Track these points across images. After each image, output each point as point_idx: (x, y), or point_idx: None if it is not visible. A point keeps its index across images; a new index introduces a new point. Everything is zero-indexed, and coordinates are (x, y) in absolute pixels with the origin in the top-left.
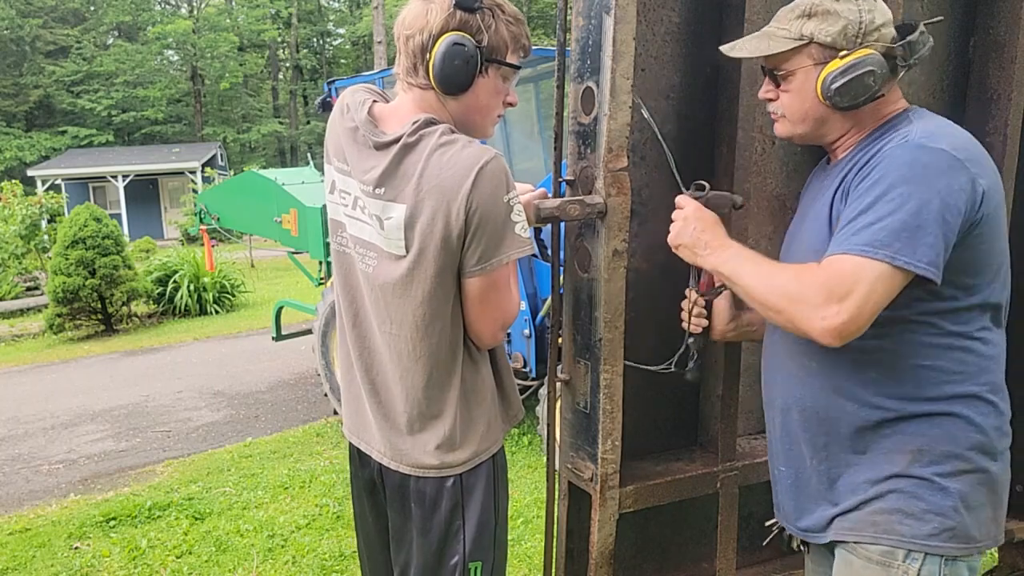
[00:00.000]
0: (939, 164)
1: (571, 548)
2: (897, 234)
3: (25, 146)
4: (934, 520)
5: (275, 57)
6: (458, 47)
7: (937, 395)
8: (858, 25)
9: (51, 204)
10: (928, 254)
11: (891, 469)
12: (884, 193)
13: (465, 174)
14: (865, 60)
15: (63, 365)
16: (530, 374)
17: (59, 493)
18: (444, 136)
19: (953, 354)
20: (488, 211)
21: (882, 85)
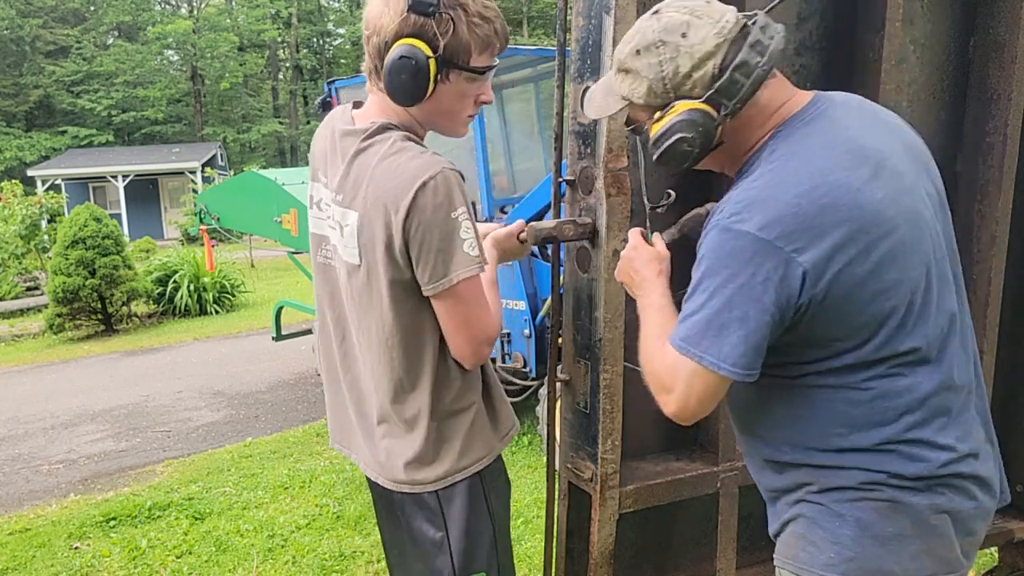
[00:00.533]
0: (743, 253)
1: (571, 548)
2: (704, 331)
3: (25, 146)
4: (831, 549)
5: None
6: (404, 61)
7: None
8: (661, 82)
9: (51, 204)
10: (732, 354)
11: (796, 495)
12: (699, 282)
13: (407, 186)
14: (673, 127)
15: (63, 365)
16: (530, 374)
17: (59, 493)
18: (395, 144)
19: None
20: (431, 227)
21: (710, 138)
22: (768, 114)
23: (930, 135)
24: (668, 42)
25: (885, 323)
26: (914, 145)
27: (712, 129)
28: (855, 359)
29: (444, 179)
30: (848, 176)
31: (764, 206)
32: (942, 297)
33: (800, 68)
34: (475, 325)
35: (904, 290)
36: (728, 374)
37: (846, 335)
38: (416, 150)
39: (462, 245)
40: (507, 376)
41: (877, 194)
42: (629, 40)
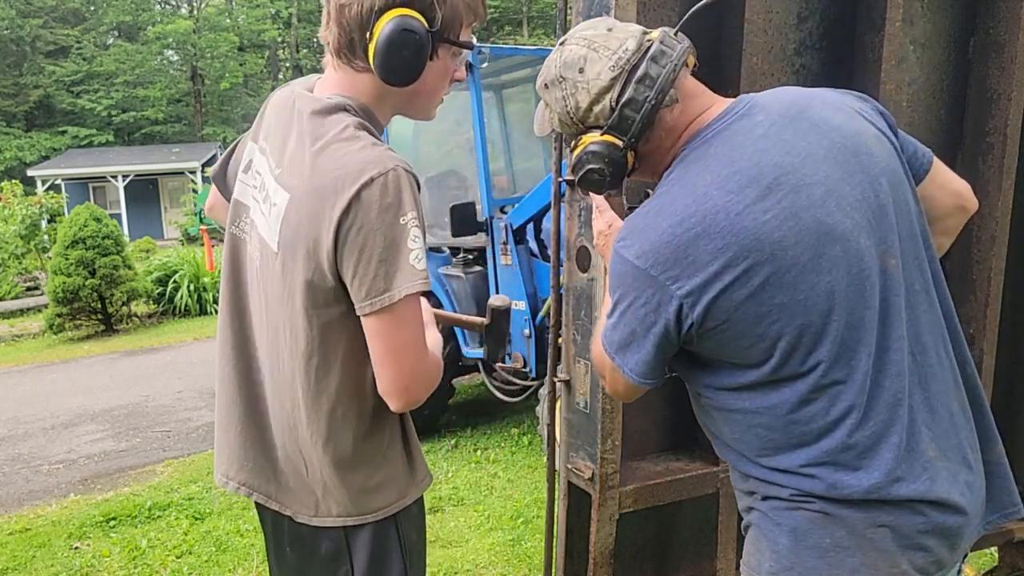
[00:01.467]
0: (626, 278)
1: (571, 548)
2: (612, 337)
3: (25, 146)
4: (771, 557)
5: (275, 57)
6: (408, 34)
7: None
8: (568, 115)
9: (51, 204)
10: (632, 363)
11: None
12: (611, 290)
13: (352, 180)
14: (583, 158)
15: (63, 365)
16: (530, 374)
17: (59, 493)
18: (347, 130)
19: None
20: (373, 231)
21: (622, 164)
22: (677, 134)
23: (930, 135)
24: (567, 78)
25: (776, 345)
26: (854, 143)
27: (620, 158)
28: (756, 379)
29: (396, 177)
30: (729, 200)
31: (642, 235)
32: (868, 311)
33: (800, 68)
34: (411, 356)
35: (796, 311)
36: (632, 381)
37: (739, 357)
38: (369, 140)
39: (408, 256)
40: (507, 376)
41: (762, 216)
42: (542, 74)
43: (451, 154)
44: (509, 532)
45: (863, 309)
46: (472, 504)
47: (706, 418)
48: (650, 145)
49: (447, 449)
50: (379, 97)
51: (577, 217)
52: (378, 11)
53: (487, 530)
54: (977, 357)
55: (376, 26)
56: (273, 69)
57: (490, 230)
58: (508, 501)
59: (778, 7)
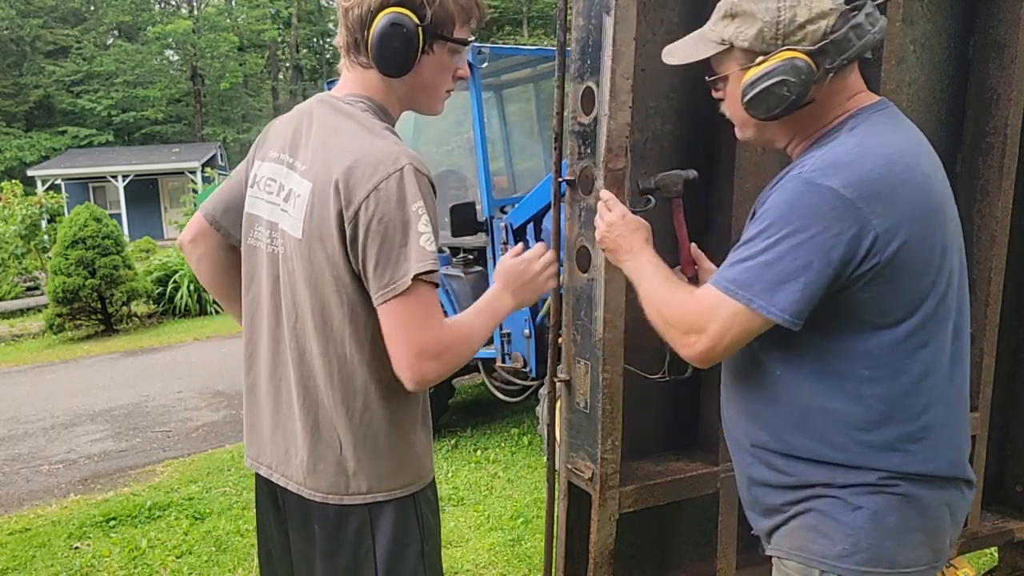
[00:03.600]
0: (821, 206)
1: (571, 548)
2: (759, 276)
3: (25, 146)
4: (845, 540)
5: (275, 57)
6: (396, 28)
7: (844, 437)
8: (775, 26)
9: (51, 204)
10: (785, 301)
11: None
12: (762, 230)
13: (371, 172)
14: (777, 68)
15: (63, 365)
16: (530, 374)
17: (59, 493)
18: (369, 121)
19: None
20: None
21: (805, 92)
22: (848, 95)
23: (930, 135)
24: None
25: (920, 307)
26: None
27: (810, 83)
28: (890, 342)
29: (411, 171)
30: (923, 163)
31: (849, 168)
32: (964, 303)
33: None
34: (417, 330)
35: (940, 281)
36: (777, 319)
37: (884, 311)
38: (389, 135)
39: (420, 239)
40: (507, 376)
41: (939, 188)
42: None
43: (451, 154)
44: (509, 532)
45: (962, 300)
46: (472, 504)
47: (779, 400)
48: (829, 91)
49: (447, 449)
50: (386, 91)
51: (577, 217)
52: (374, 10)
53: (487, 530)
54: (977, 357)
55: (373, 23)
56: (273, 69)
57: (490, 230)
58: (508, 501)
59: None
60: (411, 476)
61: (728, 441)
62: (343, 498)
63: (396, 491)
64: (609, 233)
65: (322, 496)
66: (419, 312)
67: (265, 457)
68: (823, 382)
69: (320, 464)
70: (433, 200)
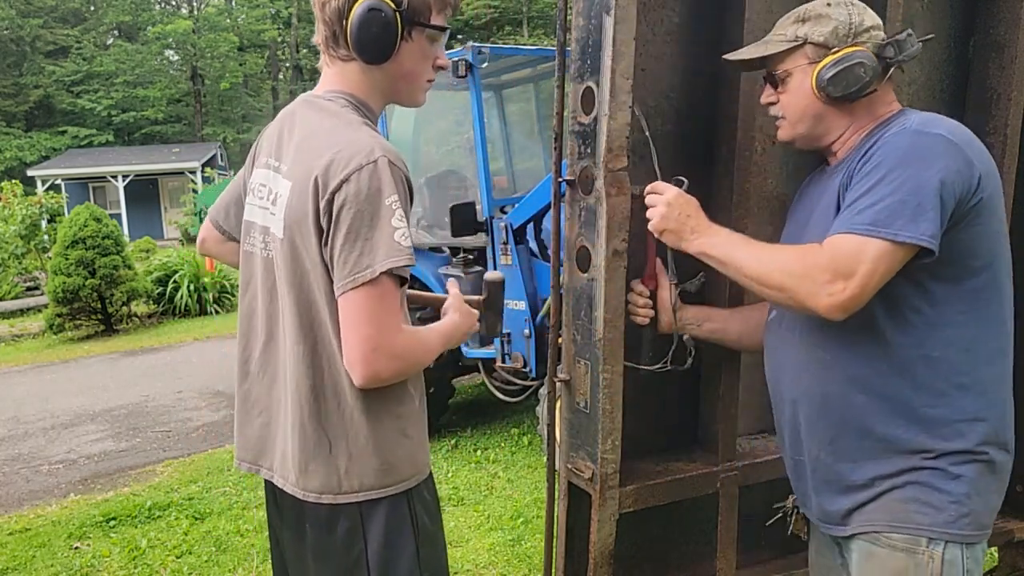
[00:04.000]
0: (936, 147)
1: (571, 548)
2: (898, 213)
3: (25, 146)
4: (950, 507)
5: (275, 57)
6: (374, 12)
7: (944, 387)
8: (848, 26)
9: (51, 204)
10: (929, 228)
11: (903, 462)
12: (883, 177)
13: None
14: (855, 54)
15: (63, 365)
16: (530, 374)
17: (59, 493)
18: (345, 116)
19: (958, 344)
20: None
21: (873, 79)
22: (891, 98)
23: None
24: (855, 3)
25: (1000, 254)
26: None
27: (876, 74)
28: (975, 286)
29: (386, 164)
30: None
31: (947, 122)
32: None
33: None
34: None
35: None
36: (926, 243)
37: (976, 253)
38: (366, 128)
39: (393, 233)
40: (507, 376)
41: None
42: (814, 5)
43: (451, 154)
44: (509, 532)
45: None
46: (472, 504)
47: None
48: (880, 91)
49: (447, 449)
50: (367, 85)
51: (577, 217)
52: (351, 1)
53: (487, 530)
54: None
55: (351, 12)
56: (273, 69)
57: (490, 230)
58: (508, 501)
59: (778, 7)
60: (403, 473)
61: (802, 423)
62: (336, 497)
63: (388, 488)
64: (671, 212)
65: (315, 496)
66: (382, 306)
67: (266, 459)
68: (924, 331)
69: (311, 464)
70: (407, 195)
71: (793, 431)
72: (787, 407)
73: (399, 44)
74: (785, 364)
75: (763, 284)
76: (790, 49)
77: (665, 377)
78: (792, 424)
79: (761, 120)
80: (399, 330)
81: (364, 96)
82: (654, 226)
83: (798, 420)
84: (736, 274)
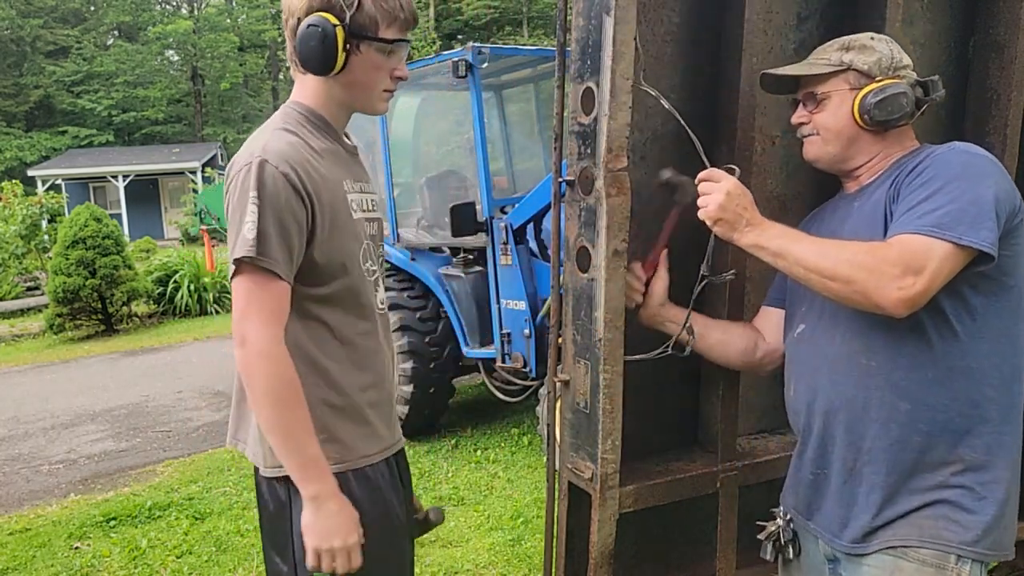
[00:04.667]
0: (987, 166)
1: (571, 548)
2: (959, 219)
3: (25, 146)
4: (977, 527)
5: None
6: (312, 28)
7: (979, 399)
8: (890, 59)
9: (51, 204)
10: (989, 236)
11: (936, 478)
12: (941, 187)
13: (236, 164)
14: (898, 84)
15: (63, 365)
16: (530, 374)
17: (59, 493)
18: (273, 120)
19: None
20: (233, 208)
21: (909, 112)
22: (912, 136)
23: (930, 135)
24: (895, 43)
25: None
26: None
27: (912, 107)
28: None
29: (259, 164)
30: None
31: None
32: None
33: None
34: (238, 312)
35: None
36: (988, 249)
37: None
38: (279, 132)
39: (243, 228)
40: (507, 376)
41: None
42: (861, 35)
43: (451, 154)
44: (509, 532)
45: None
46: (472, 504)
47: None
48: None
49: (447, 449)
50: (322, 95)
51: (577, 217)
52: (300, 17)
53: (487, 530)
54: None
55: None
56: (273, 69)
57: (490, 230)
58: (508, 501)
59: (778, 7)
60: (335, 453)
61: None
62: (264, 470)
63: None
64: (729, 203)
65: (254, 464)
66: (240, 296)
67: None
68: (966, 342)
69: (248, 435)
70: (278, 194)
71: (822, 443)
72: (818, 419)
73: (346, 57)
74: (821, 373)
75: (827, 277)
76: (832, 73)
77: (665, 377)
78: (821, 436)
79: (761, 120)
80: (253, 321)
81: (318, 106)
82: (709, 214)
83: (831, 432)
84: (794, 267)
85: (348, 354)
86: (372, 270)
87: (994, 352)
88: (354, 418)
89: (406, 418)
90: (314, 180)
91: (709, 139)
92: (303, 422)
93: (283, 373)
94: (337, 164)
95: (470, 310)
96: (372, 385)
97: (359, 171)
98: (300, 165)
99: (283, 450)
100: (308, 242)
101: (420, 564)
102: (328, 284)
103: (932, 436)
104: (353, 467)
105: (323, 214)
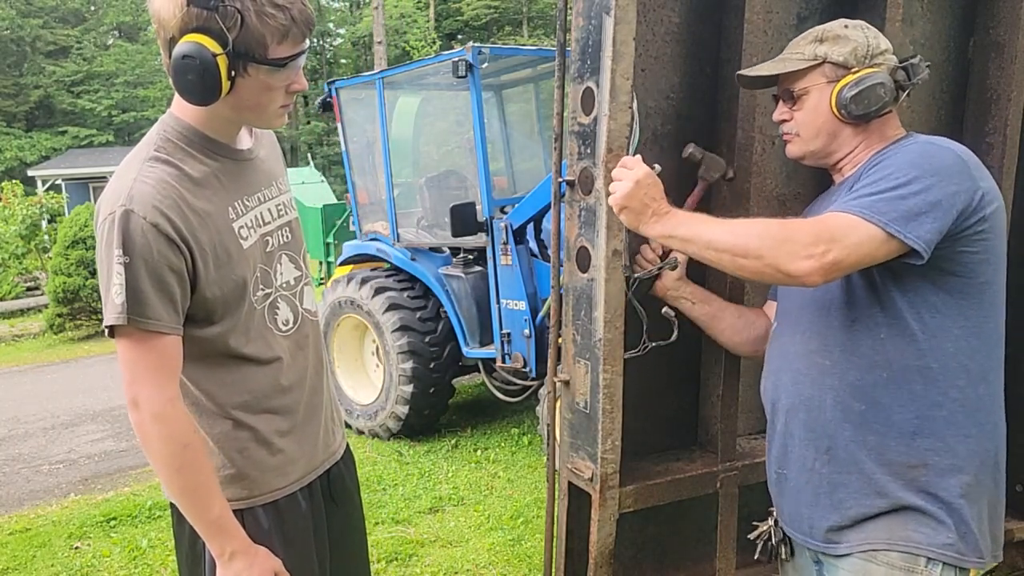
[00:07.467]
0: (945, 159)
1: (571, 548)
2: (894, 207)
3: (25, 146)
4: (947, 531)
5: None
6: (188, 61)
7: (941, 400)
8: (866, 47)
9: (51, 204)
10: (920, 231)
11: (899, 480)
12: (889, 174)
13: (99, 210)
14: (875, 75)
15: (63, 365)
16: (530, 374)
17: (59, 493)
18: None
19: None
20: (100, 262)
21: (890, 101)
22: (896, 124)
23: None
24: (871, 28)
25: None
26: None
27: (894, 95)
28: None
29: (122, 216)
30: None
31: (951, 143)
32: None
33: None
34: (127, 377)
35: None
36: (913, 244)
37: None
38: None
39: (111, 292)
40: (507, 376)
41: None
42: (834, 23)
43: (451, 154)
44: (509, 532)
45: None
46: (472, 504)
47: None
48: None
49: (447, 449)
50: (205, 114)
51: (577, 217)
52: (176, 37)
53: (487, 530)
54: None
55: (172, 52)
56: None
57: (490, 230)
58: (508, 501)
59: (778, 7)
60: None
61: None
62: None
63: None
64: (637, 191)
65: None
66: (126, 360)
67: None
68: (924, 342)
69: None
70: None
71: (783, 442)
72: (781, 417)
73: (231, 82)
74: (783, 372)
75: (738, 255)
76: (808, 68)
77: (666, 377)
78: (784, 435)
79: (761, 120)
80: (141, 383)
81: (201, 124)
82: (615, 201)
83: (791, 430)
84: (705, 251)
85: (250, 387)
86: (267, 294)
87: (960, 352)
88: (262, 450)
89: (406, 418)
90: (189, 222)
91: (709, 139)
92: (205, 483)
93: (180, 435)
94: (222, 188)
95: (470, 310)
96: (282, 413)
97: (255, 179)
98: (172, 209)
99: (187, 512)
100: (193, 287)
101: (420, 564)
102: (220, 321)
103: (887, 437)
104: (262, 502)
105: (203, 257)
